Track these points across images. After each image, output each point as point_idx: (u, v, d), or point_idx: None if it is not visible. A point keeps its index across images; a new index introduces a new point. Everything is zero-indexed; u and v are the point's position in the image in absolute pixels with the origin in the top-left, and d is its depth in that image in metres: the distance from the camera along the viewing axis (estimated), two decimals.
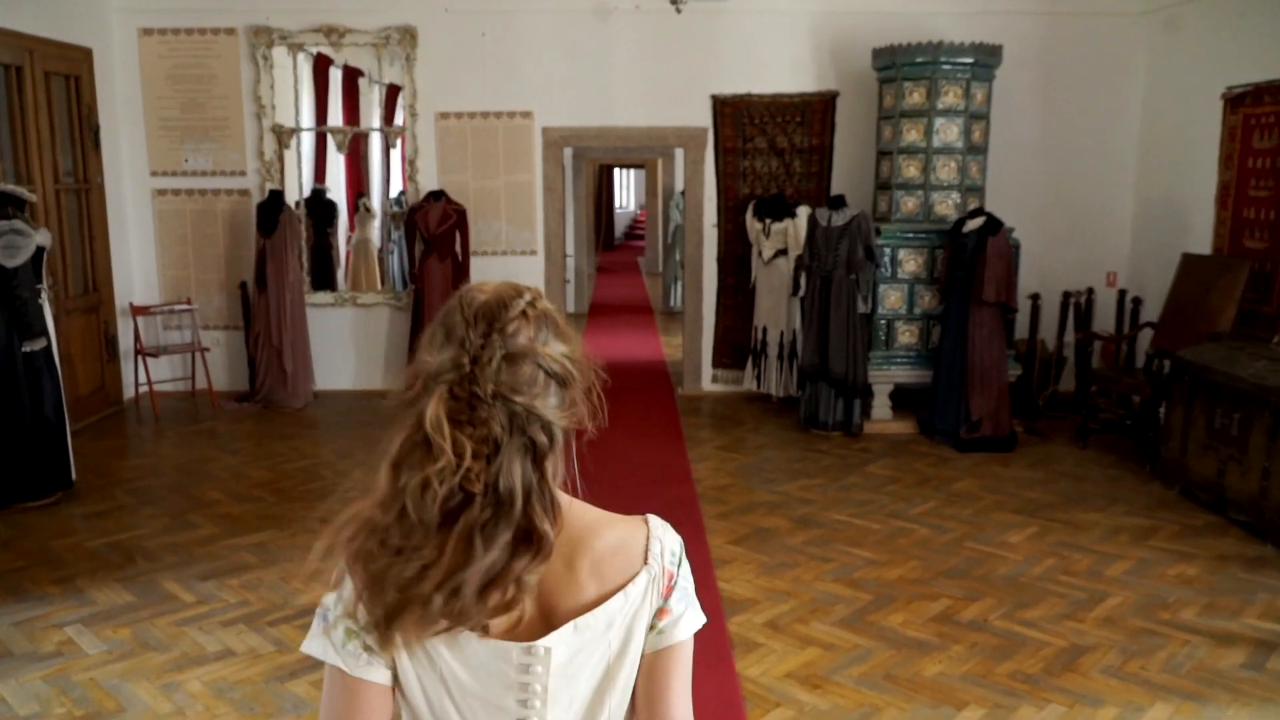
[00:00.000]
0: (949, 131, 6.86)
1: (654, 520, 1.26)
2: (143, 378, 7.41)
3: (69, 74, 6.95)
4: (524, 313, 1.15)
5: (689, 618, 1.24)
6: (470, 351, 1.12)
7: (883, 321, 6.90)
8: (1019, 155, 7.51)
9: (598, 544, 1.19)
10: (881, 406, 7.02)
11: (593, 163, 15.55)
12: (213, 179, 7.77)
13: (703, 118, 7.74)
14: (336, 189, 9.12)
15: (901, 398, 7.10)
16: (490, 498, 1.09)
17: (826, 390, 6.84)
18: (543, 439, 1.12)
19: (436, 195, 7.44)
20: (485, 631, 1.14)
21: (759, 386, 7.66)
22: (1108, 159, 7.69)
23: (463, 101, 7.70)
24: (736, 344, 7.98)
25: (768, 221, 7.43)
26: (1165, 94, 7.37)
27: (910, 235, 6.85)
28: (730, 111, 7.72)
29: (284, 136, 7.74)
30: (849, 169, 7.77)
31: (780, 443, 6.67)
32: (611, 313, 12.77)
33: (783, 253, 7.43)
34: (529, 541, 1.10)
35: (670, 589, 1.22)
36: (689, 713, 1.23)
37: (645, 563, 1.21)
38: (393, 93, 7.84)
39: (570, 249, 12.31)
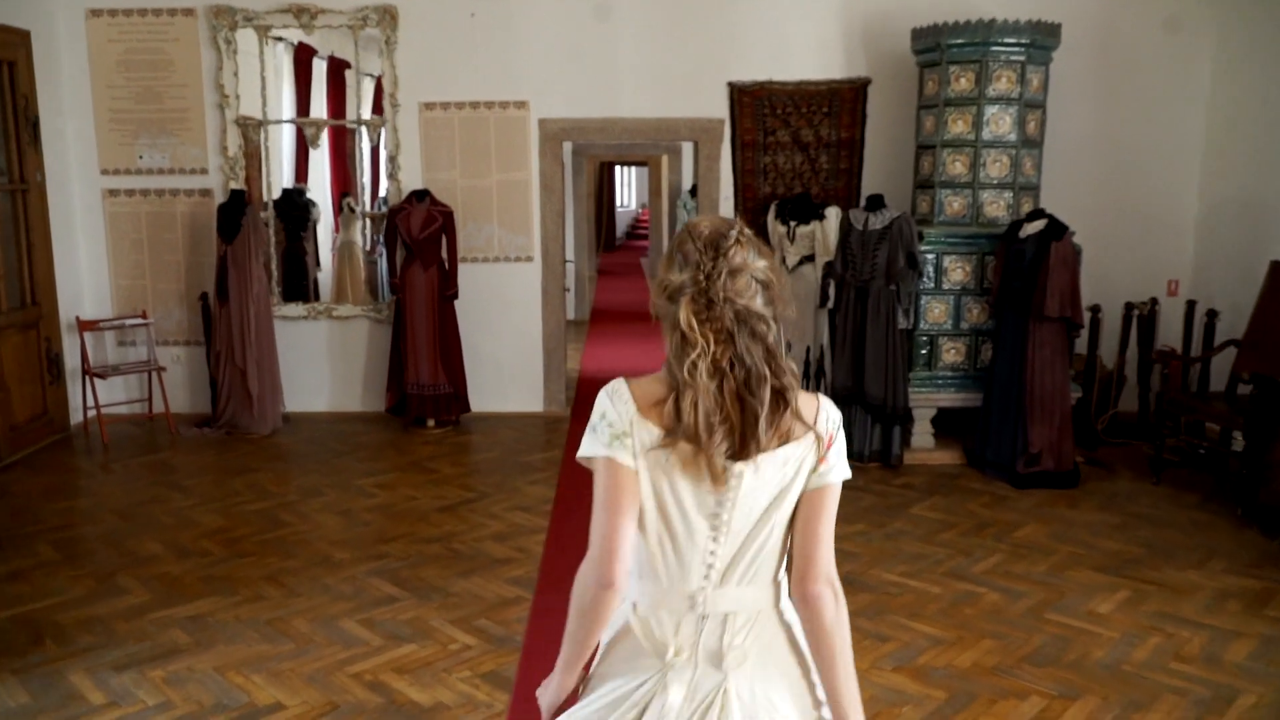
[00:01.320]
0: (1001, 122, 6.04)
1: (824, 399, 1.71)
2: (91, 401, 6.59)
3: (2, 59, 6.13)
4: (738, 240, 1.62)
5: (840, 469, 1.69)
6: (704, 270, 1.58)
7: (925, 338, 6.08)
8: (1072, 149, 6.68)
9: (795, 422, 1.63)
10: (923, 434, 6.20)
11: (594, 160, 14.74)
12: (171, 178, 6.94)
13: (718, 108, 6.92)
14: (320, 188, 8.31)
15: (945, 423, 6.28)
16: (740, 369, 1.57)
17: (862, 416, 6.02)
18: (761, 327, 1.60)
19: (420, 196, 6.62)
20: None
21: None
22: (1171, 153, 6.87)
23: (449, 90, 6.88)
24: None
25: (792, 224, 6.61)
26: (1239, 78, 6.55)
27: (956, 240, 6.03)
28: (749, 101, 6.90)
29: (250, 130, 6.92)
30: (883, 165, 6.95)
31: None
32: (614, 321, 11.94)
33: (809, 259, 6.62)
34: (782, 394, 1.59)
35: (829, 445, 1.67)
36: (830, 542, 1.69)
37: (815, 425, 1.65)
38: (336, 69, 7.02)
39: (570, 253, 11.50)
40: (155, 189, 6.95)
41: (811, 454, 1.64)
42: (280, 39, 7.32)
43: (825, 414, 1.68)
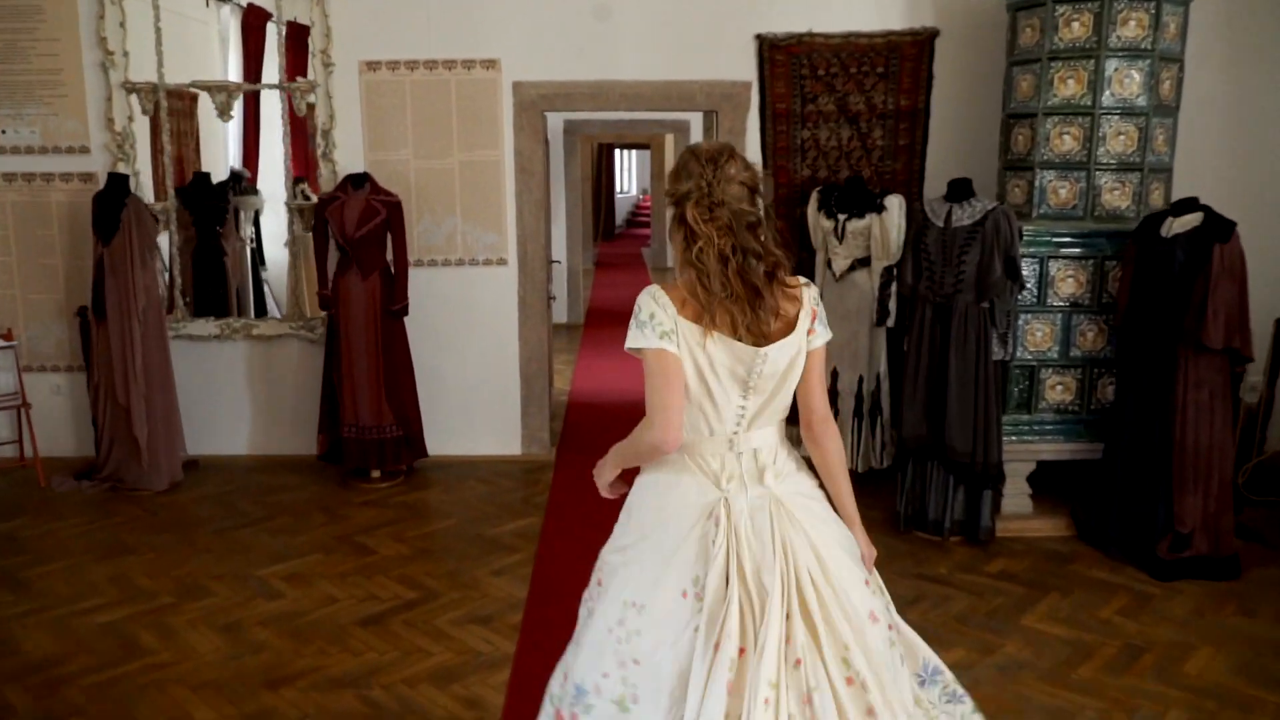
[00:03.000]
0: (1127, 82, 4.51)
1: (804, 281, 2.10)
2: None
3: None
4: (730, 156, 1.99)
5: (822, 334, 2.11)
6: (705, 179, 1.95)
7: (1021, 369, 4.57)
8: (1197, 120, 5.14)
9: (785, 302, 2.04)
10: (1017, 495, 4.69)
11: (589, 141, 13.18)
12: (42, 158, 5.42)
13: (744, 68, 5.39)
14: (273, 173, 6.72)
15: (1044, 480, 4.78)
16: (739, 254, 1.94)
17: (940, 476, 4.51)
18: (752, 219, 1.97)
19: (358, 182, 5.09)
20: (740, 339, 1.98)
21: None
22: None
23: (398, 46, 5.34)
24: None
25: (841, 218, 5.09)
26: None
27: (1067, 239, 4.51)
28: (783, 60, 5.37)
29: (144, 98, 5.38)
30: (954, 142, 5.42)
31: None
32: (612, 324, 10.38)
33: (863, 263, 5.10)
34: (774, 271, 1.99)
35: (815, 317, 2.09)
36: (823, 389, 2.17)
37: (804, 304, 2.07)
38: (296, 34, 5.47)
39: (562, 249, 9.99)
40: (23, 173, 5.44)
41: (805, 327, 2.07)
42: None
43: (808, 293, 2.09)
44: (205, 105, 5.77)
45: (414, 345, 5.35)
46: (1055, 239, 4.50)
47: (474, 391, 5.66)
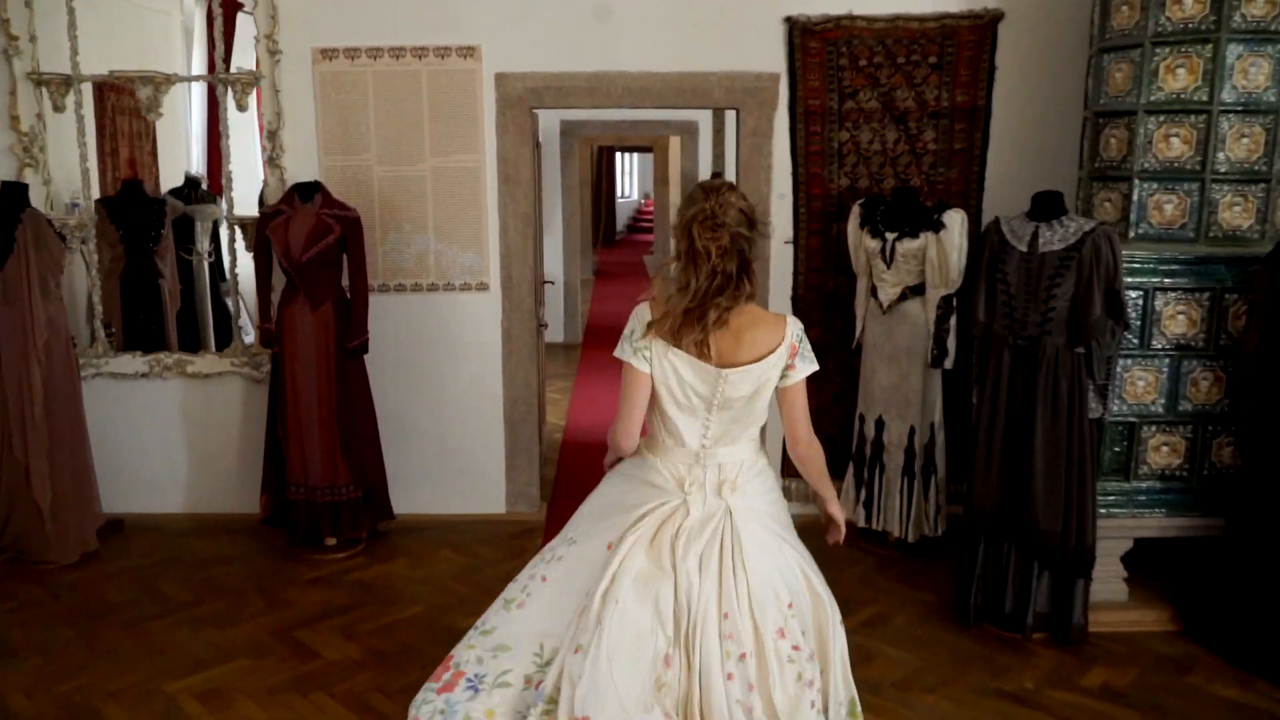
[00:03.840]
0: (1253, 72, 3.64)
1: (790, 318, 2.31)
2: None
3: None
4: (730, 187, 2.22)
5: (803, 369, 2.29)
6: (710, 204, 2.16)
7: (1117, 426, 3.70)
8: None
9: (759, 329, 2.24)
10: (1110, 579, 3.82)
11: (588, 143, 12.32)
12: None
13: (770, 57, 4.52)
14: (248, 179, 5.87)
15: (1141, 560, 3.91)
16: (725, 273, 2.17)
17: (1020, 559, 3.64)
18: (745, 246, 2.19)
19: (307, 193, 4.23)
20: (702, 358, 2.20)
21: (870, 520, 4.46)
22: None
23: (358, 30, 4.48)
24: (823, 439, 4.79)
25: (890, 237, 4.22)
26: None
27: (1174, 267, 3.64)
28: (818, 48, 4.51)
29: (55, 91, 4.52)
30: (1021, 145, 4.56)
31: (932, 662, 3.47)
32: (613, 343, 9.43)
33: (916, 291, 4.23)
34: (739, 288, 2.18)
35: (795, 353, 2.27)
36: (806, 416, 2.37)
37: (784, 339, 2.25)
38: (237, 16, 4.61)
39: (558, 261, 9.15)
40: None
41: (782, 362, 2.26)
42: None
43: (791, 329, 2.28)
44: (169, 103, 4.88)
45: (376, 387, 4.49)
46: (1161, 267, 3.63)
47: (449, 441, 4.79)
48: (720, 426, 2.25)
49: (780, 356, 2.24)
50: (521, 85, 4.51)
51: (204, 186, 5.82)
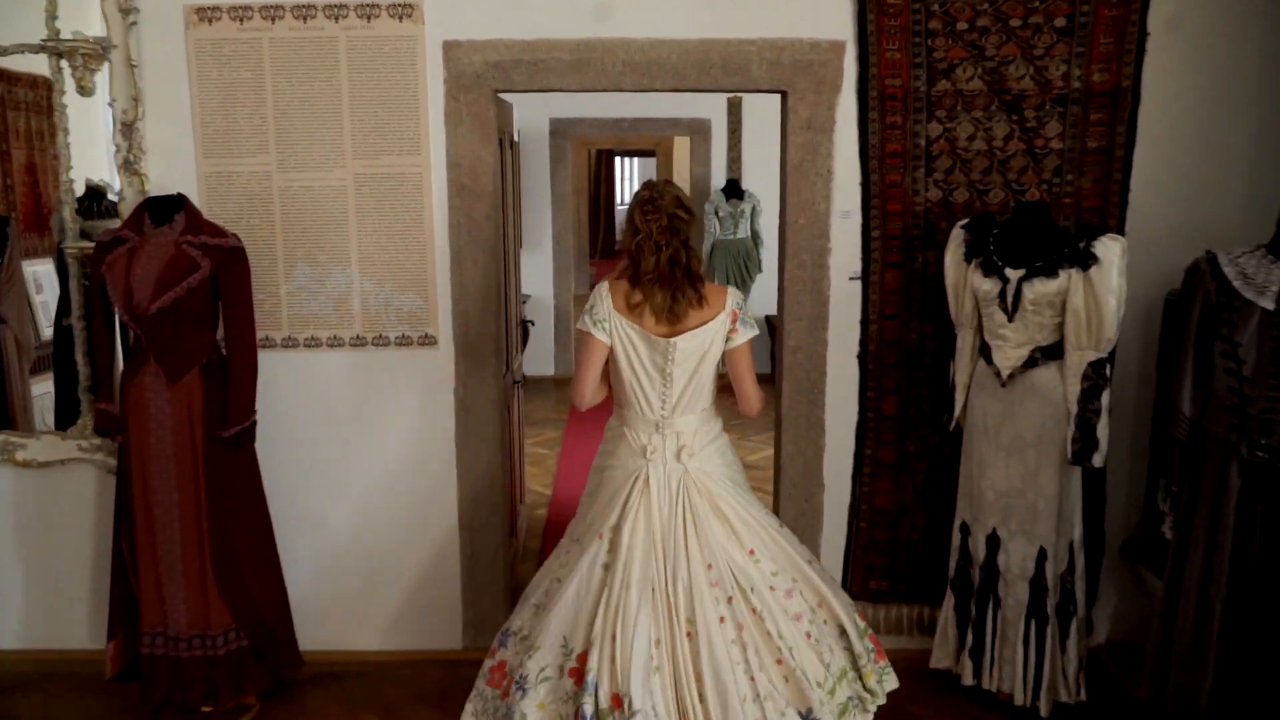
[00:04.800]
0: None
1: (730, 289, 2.57)
2: None
3: None
4: (666, 181, 2.58)
5: (744, 333, 2.54)
6: (649, 193, 2.52)
7: None
8: None
9: (704, 303, 2.51)
10: None
11: (584, 147, 10.99)
12: None
13: (832, 20, 3.20)
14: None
15: None
16: (669, 247, 2.47)
17: None
18: (681, 224, 2.49)
19: (162, 213, 2.91)
20: (653, 330, 2.49)
21: (979, 676, 3.13)
22: None
23: None
24: (903, 549, 3.47)
25: (1013, 276, 2.90)
26: None
27: None
28: (899, 5, 3.19)
29: None
30: (1182, 142, 3.23)
31: None
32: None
33: (1050, 353, 2.91)
34: (690, 276, 2.49)
35: (735, 319, 2.53)
36: (752, 378, 2.59)
37: (725, 309, 2.52)
38: None
39: (548, 283, 7.86)
40: None
41: (724, 328, 2.52)
42: None
43: (731, 298, 2.54)
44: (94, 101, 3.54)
45: (278, 483, 3.18)
46: None
47: (382, 554, 3.46)
48: (677, 393, 2.52)
49: (721, 323, 2.51)
50: (480, 58, 3.19)
51: (112, 197, 4.49)
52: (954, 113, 3.26)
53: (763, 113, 7.72)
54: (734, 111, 7.80)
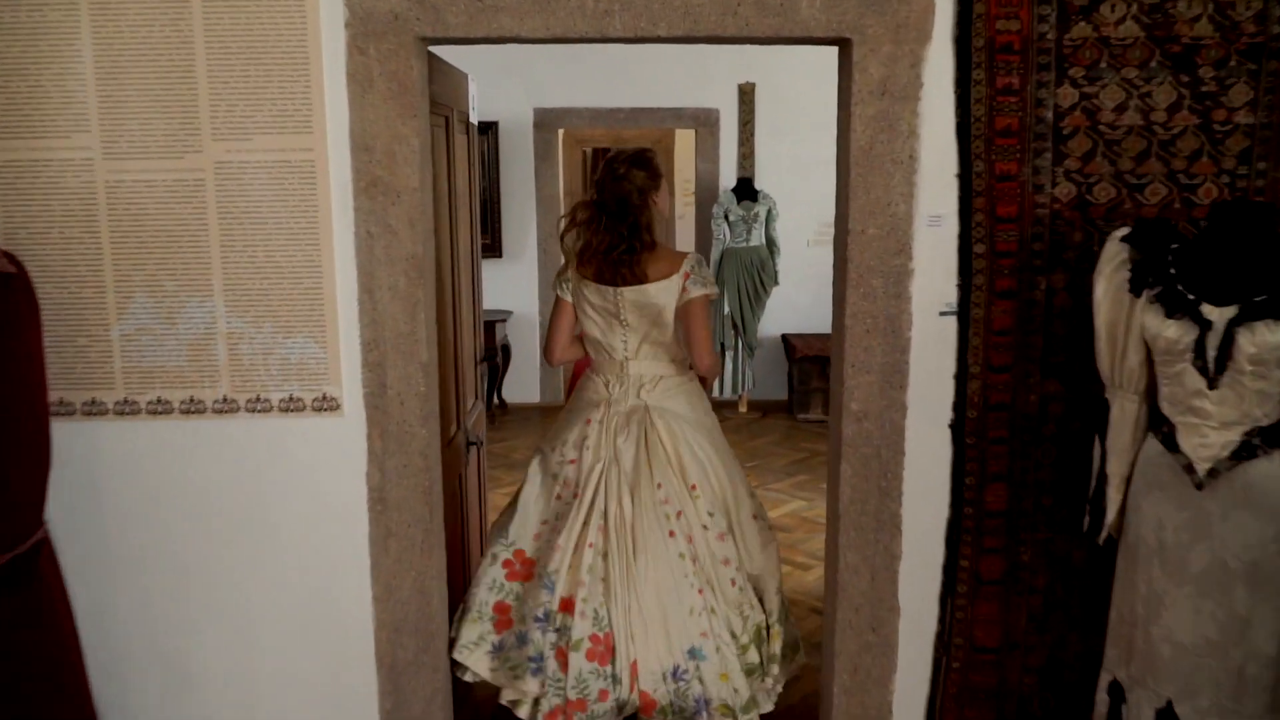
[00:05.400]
0: None
1: (691, 254, 2.76)
2: None
3: None
4: (638, 153, 2.77)
5: (697, 290, 2.68)
6: (609, 168, 2.70)
7: None
8: None
9: (660, 262, 2.68)
10: None
11: (577, 144, 9.94)
12: None
13: None
14: None
15: None
16: (623, 229, 2.65)
17: None
18: (636, 203, 2.66)
19: None
20: (604, 282, 2.69)
21: None
22: None
23: None
24: (1013, 701, 2.42)
25: (1216, 318, 1.85)
26: None
27: None
28: None
29: None
30: None
31: None
32: None
33: (1274, 435, 1.85)
34: (640, 240, 2.66)
35: (687, 278, 2.68)
36: (705, 338, 2.71)
37: (679, 269, 2.68)
38: None
39: (533, 299, 6.86)
40: None
41: (677, 287, 2.67)
42: None
43: (687, 262, 2.70)
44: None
45: (103, 621, 2.13)
46: None
47: (269, 706, 2.42)
48: (635, 340, 2.71)
49: (674, 282, 2.68)
50: (386, 6, 2.16)
51: None
52: (1096, 71, 2.22)
53: (779, 101, 6.70)
54: (746, 100, 6.77)
